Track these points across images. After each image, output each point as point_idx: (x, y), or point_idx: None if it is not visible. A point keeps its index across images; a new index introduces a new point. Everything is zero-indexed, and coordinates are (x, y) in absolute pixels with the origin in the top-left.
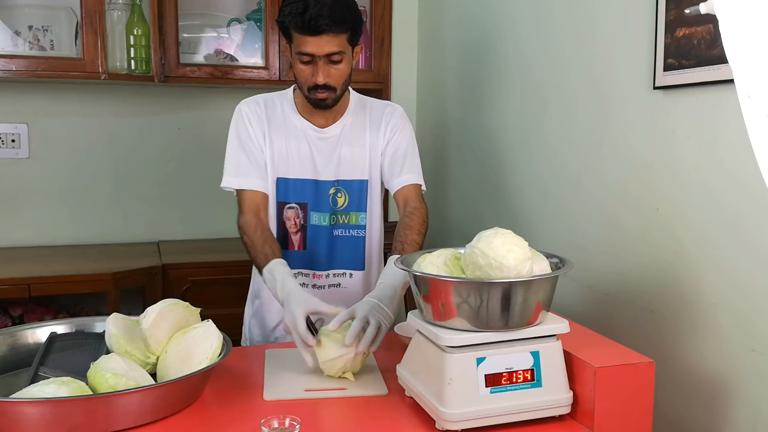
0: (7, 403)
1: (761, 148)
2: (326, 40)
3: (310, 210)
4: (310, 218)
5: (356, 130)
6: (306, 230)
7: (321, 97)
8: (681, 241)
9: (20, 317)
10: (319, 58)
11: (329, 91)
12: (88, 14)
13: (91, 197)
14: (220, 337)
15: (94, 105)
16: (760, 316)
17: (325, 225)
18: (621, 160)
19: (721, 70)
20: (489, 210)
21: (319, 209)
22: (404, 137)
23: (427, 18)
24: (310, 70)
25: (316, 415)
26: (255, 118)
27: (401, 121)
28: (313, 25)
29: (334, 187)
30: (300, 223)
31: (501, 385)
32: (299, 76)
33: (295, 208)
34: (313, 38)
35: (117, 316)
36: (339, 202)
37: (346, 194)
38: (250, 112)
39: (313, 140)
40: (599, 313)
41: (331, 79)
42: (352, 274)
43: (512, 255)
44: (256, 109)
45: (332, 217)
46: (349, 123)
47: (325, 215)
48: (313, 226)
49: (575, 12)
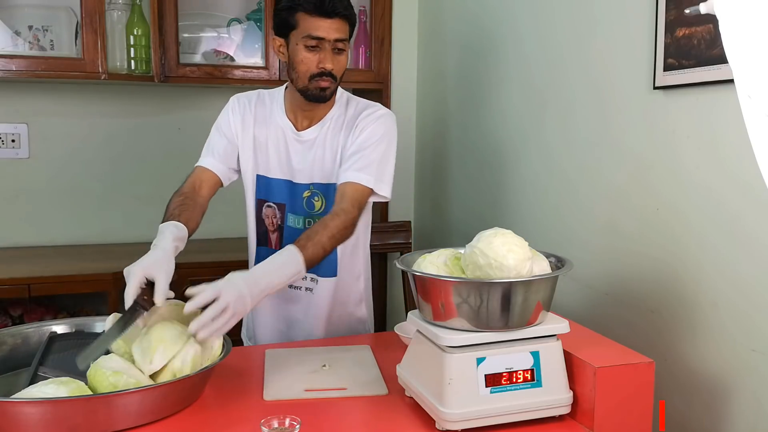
0: (7, 404)
1: (761, 148)
2: (337, 25)
3: (287, 211)
4: (287, 219)
5: (333, 133)
6: (283, 231)
7: (324, 85)
8: (681, 241)
9: (20, 317)
10: (328, 43)
11: (332, 80)
12: (88, 14)
13: (91, 197)
14: (220, 337)
15: (94, 105)
16: (761, 315)
17: (300, 228)
18: (621, 160)
19: (721, 70)
20: (489, 210)
21: (294, 211)
22: (368, 134)
23: (427, 18)
24: (317, 57)
25: (316, 415)
26: (240, 111)
27: (374, 121)
28: (330, 5)
29: (308, 191)
30: (277, 223)
31: (501, 385)
32: (301, 65)
33: (273, 208)
34: (325, 21)
35: (117, 317)
36: (316, 206)
37: (323, 198)
38: (237, 105)
39: (291, 142)
40: (599, 313)
41: (335, 68)
42: (317, 281)
43: (512, 255)
44: (245, 103)
45: (307, 220)
46: (327, 126)
47: (299, 218)
48: (289, 227)
49: (575, 12)
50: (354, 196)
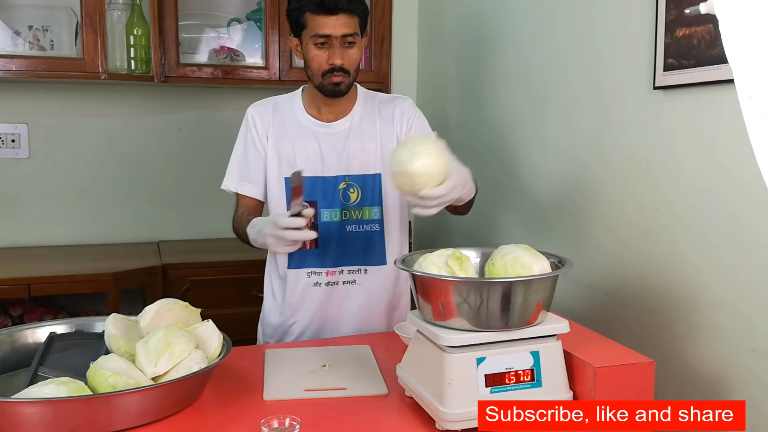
0: (7, 404)
1: (761, 148)
2: (343, 21)
3: (320, 208)
4: (320, 216)
5: (366, 124)
6: (317, 228)
7: (337, 80)
8: (681, 241)
9: (20, 317)
10: (336, 39)
11: (344, 74)
12: (88, 14)
13: (91, 197)
14: (220, 337)
15: (94, 105)
16: (760, 316)
17: (337, 221)
18: (621, 160)
19: (721, 70)
20: (489, 210)
21: (328, 206)
22: (423, 125)
23: (427, 18)
24: (326, 54)
25: (316, 415)
26: (261, 122)
27: (414, 110)
28: (332, 3)
29: (344, 182)
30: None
31: (501, 385)
32: (313, 63)
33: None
34: (330, 18)
35: (116, 317)
36: (351, 198)
37: (358, 189)
38: (257, 117)
39: (322, 136)
40: (599, 313)
41: (345, 62)
42: (367, 270)
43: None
44: (264, 112)
45: (343, 212)
46: (357, 117)
47: (335, 211)
48: (324, 224)
49: (575, 12)
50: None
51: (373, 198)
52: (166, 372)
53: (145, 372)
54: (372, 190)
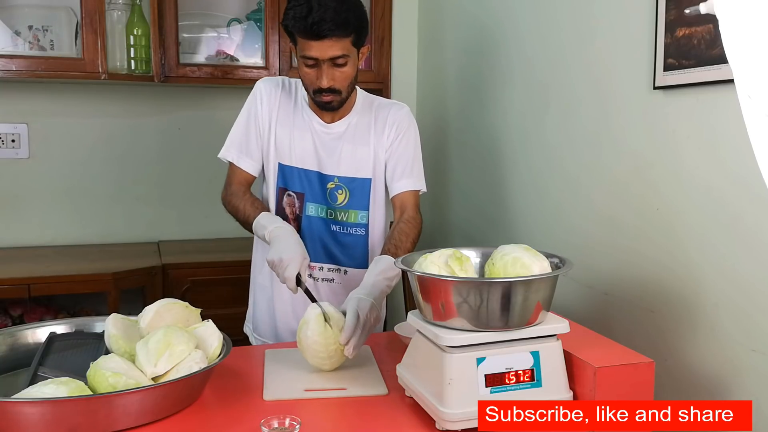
0: (7, 404)
1: (761, 148)
2: (329, 45)
3: (306, 201)
4: (306, 208)
5: (361, 129)
6: (301, 221)
7: (326, 100)
8: (681, 241)
9: (20, 317)
10: (323, 62)
11: (334, 94)
12: (88, 14)
13: (90, 197)
14: (220, 337)
15: (94, 105)
16: (761, 315)
17: (322, 217)
18: (621, 160)
19: (721, 70)
20: (489, 210)
21: (314, 200)
22: (409, 139)
23: (427, 18)
24: (315, 74)
25: (316, 415)
26: (268, 97)
27: (406, 121)
28: (315, 29)
29: (333, 182)
30: (296, 212)
31: (501, 385)
32: (304, 79)
33: (292, 197)
34: (316, 42)
35: (116, 317)
36: (338, 199)
37: (346, 191)
38: (265, 91)
39: (319, 134)
40: (599, 313)
41: (335, 83)
42: (347, 272)
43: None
44: (273, 88)
45: (329, 211)
46: (354, 121)
47: (321, 207)
48: (308, 217)
49: (576, 12)
50: (415, 203)
51: (361, 202)
52: (166, 372)
53: (145, 372)
54: (360, 193)
